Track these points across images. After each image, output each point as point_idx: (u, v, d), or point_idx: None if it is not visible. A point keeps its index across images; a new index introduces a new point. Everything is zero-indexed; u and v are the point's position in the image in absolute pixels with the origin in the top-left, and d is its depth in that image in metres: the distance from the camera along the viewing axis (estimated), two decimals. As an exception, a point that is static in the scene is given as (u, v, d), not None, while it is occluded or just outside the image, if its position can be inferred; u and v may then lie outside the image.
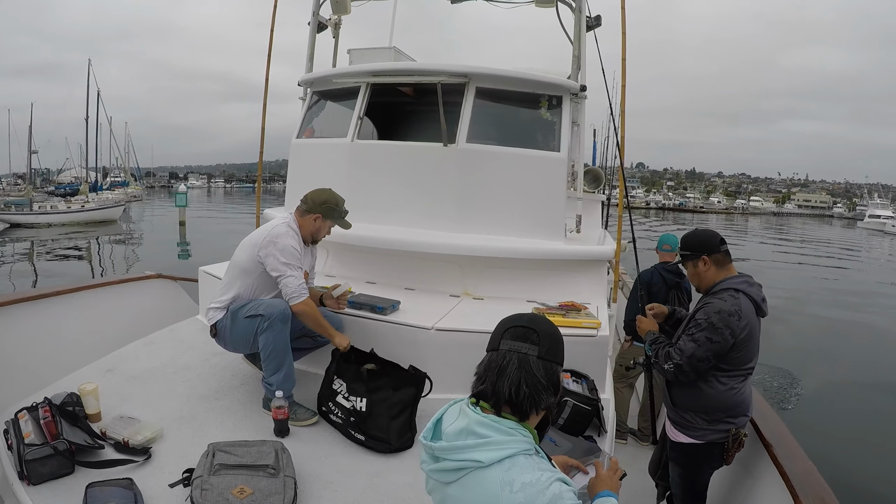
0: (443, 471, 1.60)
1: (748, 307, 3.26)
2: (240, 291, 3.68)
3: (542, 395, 1.63)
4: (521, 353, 1.64)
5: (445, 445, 1.60)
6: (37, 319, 4.89)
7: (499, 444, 1.54)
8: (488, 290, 4.74)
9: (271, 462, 2.79)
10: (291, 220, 3.82)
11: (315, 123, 5.80)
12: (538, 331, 1.69)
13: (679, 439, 3.52)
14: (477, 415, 1.61)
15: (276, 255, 3.56)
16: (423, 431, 1.71)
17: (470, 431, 1.59)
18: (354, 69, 5.33)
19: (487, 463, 1.52)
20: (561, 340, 1.73)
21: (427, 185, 4.96)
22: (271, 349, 3.49)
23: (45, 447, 2.79)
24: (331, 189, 3.97)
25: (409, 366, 3.62)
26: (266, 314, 3.48)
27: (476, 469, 1.53)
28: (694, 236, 3.57)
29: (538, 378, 1.62)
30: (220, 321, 3.67)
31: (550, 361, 1.66)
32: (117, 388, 3.81)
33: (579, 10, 5.22)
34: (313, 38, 6.03)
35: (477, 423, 1.59)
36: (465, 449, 1.56)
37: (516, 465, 1.52)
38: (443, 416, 1.73)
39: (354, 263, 5.01)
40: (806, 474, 3.28)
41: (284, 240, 3.62)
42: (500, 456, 1.53)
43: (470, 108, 4.85)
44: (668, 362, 3.30)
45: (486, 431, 1.57)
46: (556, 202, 4.90)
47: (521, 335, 1.68)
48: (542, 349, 1.66)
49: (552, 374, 1.66)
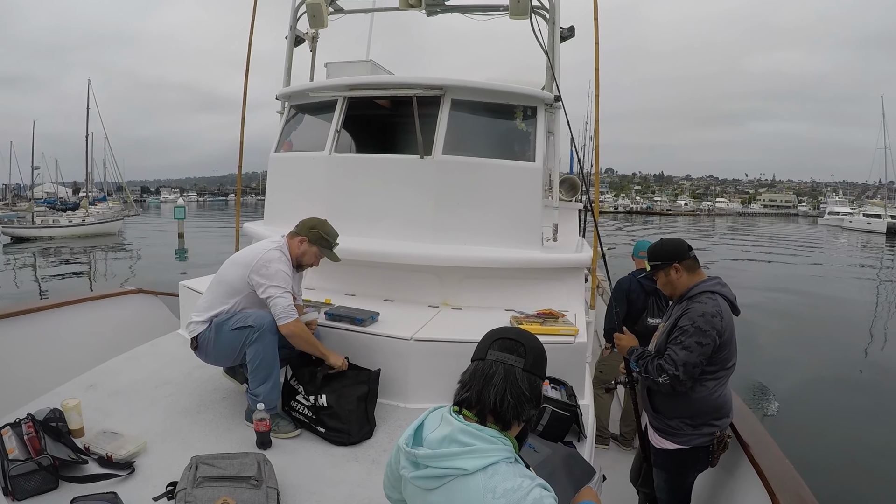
0: (425, 478, 1.62)
1: (725, 307, 3.32)
2: (225, 307, 3.69)
3: (524, 407, 1.66)
4: (507, 365, 1.68)
5: (429, 453, 1.62)
6: (18, 336, 4.89)
7: (482, 452, 1.57)
8: (467, 299, 4.78)
9: (254, 474, 2.82)
10: (283, 245, 3.85)
11: (293, 137, 5.83)
12: (525, 344, 1.73)
13: (664, 446, 3.53)
14: (460, 423, 1.63)
15: (267, 278, 3.60)
16: (403, 438, 1.73)
17: (453, 439, 1.61)
18: (331, 83, 5.37)
19: (471, 470, 1.55)
20: (545, 357, 1.77)
21: (404, 196, 5.00)
22: (260, 360, 3.52)
23: (29, 462, 2.81)
24: (326, 220, 4.00)
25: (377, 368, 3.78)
26: (256, 325, 3.51)
27: (459, 476, 1.56)
28: (662, 246, 3.61)
29: (522, 390, 1.65)
30: (203, 334, 3.68)
31: (534, 375, 1.70)
32: (100, 403, 3.82)
33: (553, 21, 5.28)
34: (290, 52, 6.06)
35: (460, 431, 1.61)
36: (449, 456, 1.58)
37: (498, 472, 1.54)
38: (423, 422, 1.75)
39: (334, 276, 5.04)
40: (783, 473, 3.32)
41: (276, 265, 3.65)
42: (484, 463, 1.55)
43: (446, 120, 4.90)
44: (661, 375, 3.27)
45: (470, 440, 1.59)
46: (533, 211, 4.95)
47: (508, 347, 1.72)
48: (528, 362, 1.69)
49: (535, 387, 1.70)
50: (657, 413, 3.54)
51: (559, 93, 5.19)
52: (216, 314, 3.68)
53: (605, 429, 5.70)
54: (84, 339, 5.29)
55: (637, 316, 5.09)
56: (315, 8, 5.79)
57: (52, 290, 19.62)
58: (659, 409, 3.52)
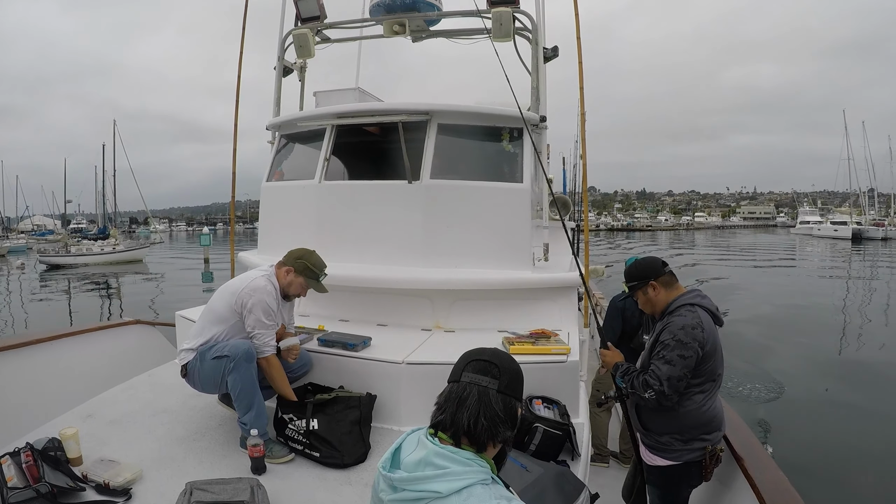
0: (402, 500, 1.62)
1: (707, 318, 3.34)
2: (212, 336, 3.75)
3: (499, 428, 1.65)
4: (481, 386, 1.68)
5: (404, 476, 1.62)
6: (18, 367, 4.93)
7: (457, 475, 1.56)
8: (459, 322, 4.82)
9: (247, 498, 2.86)
10: (271, 274, 3.91)
11: (284, 166, 5.90)
12: (499, 366, 1.73)
13: (655, 462, 3.53)
14: (435, 446, 1.63)
15: (252, 312, 3.67)
16: (381, 461, 1.73)
17: (428, 462, 1.60)
18: (319, 112, 5.45)
19: (446, 493, 1.54)
20: (520, 377, 1.77)
21: (394, 222, 5.05)
22: (240, 389, 3.57)
23: (27, 490, 2.87)
24: (314, 251, 4.05)
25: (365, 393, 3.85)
26: (231, 355, 3.57)
27: (435, 499, 1.55)
28: (636, 266, 3.65)
29: (496, 411, 1.65)
30: (191, 363, 3.75)
31: (509, 396, 1.70)
32: (97, 432, 3.86)
33: (536, 42, 5.33)
34: (279, 83, 6.14)
35: (435, 455, 1.61)
36: (423, 480, 1.58)
37: (473, 494, 1.53)
38: (401, 445, 1.76)
39: (327, 302, 5.07)
40: (776, 484, 3.34)
41: (261, 296, 3.71)
42: (458, 486, 1.54)
43: (433, 145, 4.96)
44: (646, 391, 3.27)
45: (445, 462, 1.59)
46: (522, 232, 4.99)
47: (482, 369, 1.72)
48: (502, 384, 1.69)
49: (510, 408, 1.69)
50: (647, 430, 3.55)
51: (545, 113, 5.25)
52: (204, 342, 3.74)
53: (604, 446, 5.68)
54: (82, 370, 5.33)
55: (633, 333, 5.12)
56: (302, 38, 5.87)
57: (86, 312, 21.17)
58: (648, 425, 3.53)
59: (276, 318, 3.78)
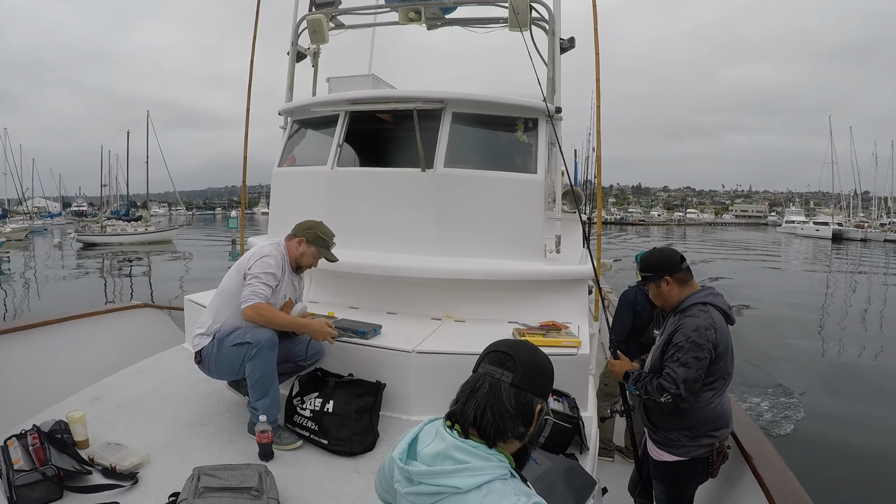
0: (419, 494, 1.58)
1: (719, 318, 3.29)
2: (226, 317, 3.72)
3: (507, 424, 1.59)
4: (493, 378, 1.63)
5: (423, 470, 1.58)
6: (26, 349, 4.92)
7: (476, 470, 1.52)
8: (469, 312, 4.78)
9: (255, 484, 2.84)
10: (280, 244, 3.92)
11: (296, 152, 5.86)
12: (516, 358, 1.65)
13: (663, 458, 3.49)
14: (455, 439, 1.59)
15: (251, 269, 3.67)
16: (397, 451, 1.68)
17: (447, 456, 1.57)
18: (333, 98, 5.41)
19: (465, 489, 1.50)
20: (543, 372, 1.70)
21: (406, 210, 5.02)
22: (258, 376, 3.53)
23: (33, 473, 2.85)
24: (321, 222, 4.06)
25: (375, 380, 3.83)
26: (254, 342, 3.53)
27: (453, 494, 1.51)
28: (653, 257, 3.58)
29: (506, 405, 1.59)
30: (206, 349, 3.71)
31: (524, 390, 1.62)
32: (104, 415, 3.85)
33: (553, 32, 5.27)
34: (292, 68, 6.09)
35: (454, 448, 1.57)
36: (443, 474, 1.54)
37: (493, 490, 1.49)
38: (418, 435, 1.72)
39: (337, 289, 5.06)
40: (785, 484, 3.29)
41: (265, 258, 3.72)
42: (478, 482, 1.50)
43: (447, 133, 4.92)
44: (663, 395, 3.22)
45: (464, 457, 1.55)
46: (535, 223, 4.95)
47: (498, 360, 1.66)
48: (517, 377, 1.62)
49: (524, 403, 1.61)
50: (655, 426, 3.52)
51: (560, 104, 5.21)
52: (219, 326, 3.71)
53: (609, 441, 5.68)
54: (90, 353, 5.32)
55: (643, 328, 5.09)
56: (316, 24, 5.84)
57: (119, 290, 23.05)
58: (657, 422, 3.50)
59: (274, 280, 3.73)
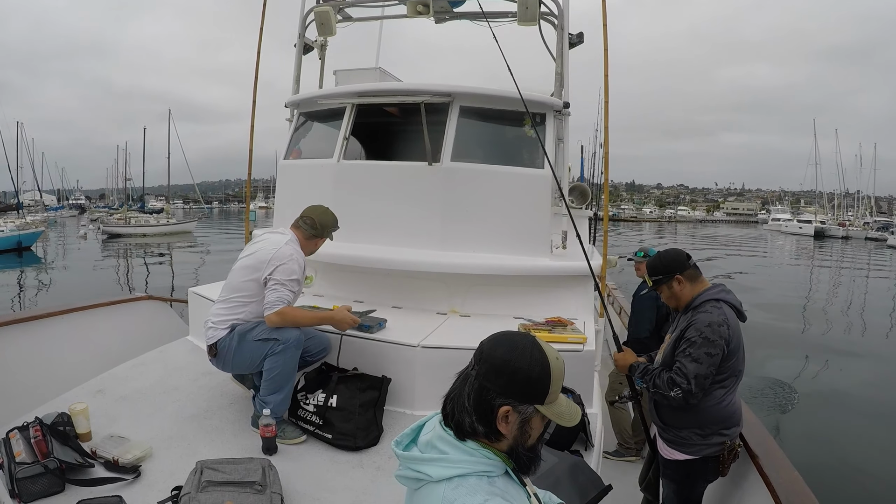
0: (405, 477, 1.58)
1: (731, 314, 3.27)
2: (245, 313, 3.70)
3: (463, 418, 1.54)
4: (467, 370, 1.60)
5: (407, 455, 1.58)
6: (28, 341, 4.92)
7: (451, 463, 1.51)
8: (475, 307, 4.77)
9: (258, 479, 2.82)
10: (293, 240, 3.87)
11: (302, 144, 5.84)
12: (484, 353, 1.58)
13: (673, 457, 3.47)
14: (441, 429, 1.59)
15: (274, 276, 3.61)
16: (400, 436, 1.67)
17: (432, 445, 1.57)
18: (339, 90, 5.39)
19: (436, 479, 1.49)
20: (512, 372, 1.55)
21: (412, 204, 4.99)
22: (278, 372, 3.52)
23: (35, 465, 2.84)
24: (328, 208, 4.04)
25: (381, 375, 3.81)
26: (281, 339, 3.52)
27: (429, 482, 1.51)
28: (661, 259, 3.55)
29: (464, 398, 1.55)
30: (223, 341, 3.66)
31: (485, 386, 1.54)
32: (107, 408, 3.84)
33: (562, 27, 5.23)
34: (299, 60, 6.06)
35: (438, 438, 1.57)
36: (420, 461, 1.54)
37: (464, 485, 1.47)
38: (424, 424, 1.70)
39: (342, 283, 5.05)
40: (791, 484, 3.26)
41: (289, 264, 3.67)
42: (450, 474, 1.49)
43: (454, 127, 4.89)
44: (673, 389, 3.18)
45: (444, 447, 1.54)
46: (542, 219, 4.94)
47: (476, 352, 1.61)
48: (481, 371, 1.55)
49: (482, 400, 1.54)
50: (666, 425, 3.49)
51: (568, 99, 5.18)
52: (237, 321, 3.68)
53: (630, 437, 5.62)
54: (93, 345, 5.31)
55: (662, 323, 5.11)
56: (323, 16, 5.80)
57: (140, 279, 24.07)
58: (667, 420, 3.47)
59: (298, 285, 3.74)
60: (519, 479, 1.62)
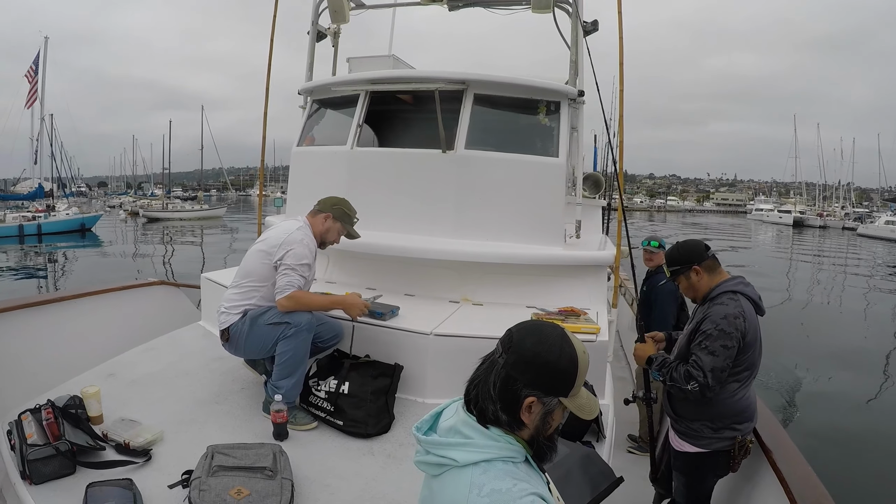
0: (427, 463, 1.56)
1: (749, 307, 3.22)
2: (257, 298, 3.71)
3: (487, 405, 1.52)
4: (494, 356, 1.57)
5: (430, 440, 1.57)
6: (41, 324, 4.92)
7: (479, 447, 1.49)
8: (487, 295, 4.75)
9: (269, 464, 2.82)
10: (304, 225, 3.87)
11: (315, 131, 5.83)
12: (514, 342, 1.54)
13: (684, 449, 3.44)
14: (465, 414, 1.57)
15: (284, 260, 3.62)
16: (419, 422, 1.66)
17: (457, 430, 1.54)
18: (353, 77, 5.36)
19: (463, 463, 1.47)
20: (542, 364, 1.51)
21: (426, 191, 4.98)
22: (290, 356, 3.53)
23: (47, 447, 2.84)
24: (346, 198, 4.05)
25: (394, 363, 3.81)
26: (293, 322, 3.52)
27: (454, 467, 1.49)
28: (679, 250, 3.51)
29: (490, 385, 1.52)
30: (235, 325, 3.67)
31: (511, 375, 1.51)
32: (119, 391, 3.85)
33: (576, 15, 5.18)
34: (312, 48, 6.04)
35: (463, 423, 1.55)
36: (446, 446, 1.52)
37: (492, 469, 1.45)
38: (443, 410, 1.69)
39: (355, 270, 5.04)
40: (804, 479, 3.22)
41: (299, 248, 3.67)
42: (477, 458, 1.47)
43: (468, 115, 4.87)
44: (689, 382, 3.12)
45: (470, 432, 1.52)
46: (555, 208, 4.90)
47: (504, 339, 1.57)
48: (508, 360, 1.52)
49: (508, 389, 1.50)
50: (678, 416, 3.45)
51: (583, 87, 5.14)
52: (250, 306, 3.69)
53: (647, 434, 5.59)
54: (105, 330, 5.31)
55: (679, 313, 5.09)
56: (336, 3, 5.78)
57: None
58: (680, 412, 3.44)
59: (308, 270, 3.73)
60: (538, 466, 1.61)
